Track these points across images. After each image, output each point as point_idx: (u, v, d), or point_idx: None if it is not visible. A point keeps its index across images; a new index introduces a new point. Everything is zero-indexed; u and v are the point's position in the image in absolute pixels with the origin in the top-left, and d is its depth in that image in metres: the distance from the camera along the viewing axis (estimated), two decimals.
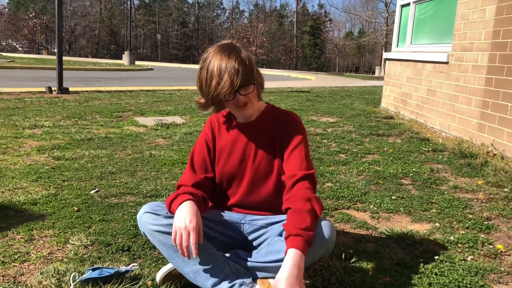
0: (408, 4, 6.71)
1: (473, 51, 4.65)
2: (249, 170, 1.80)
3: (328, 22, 63.75)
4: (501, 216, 2.66)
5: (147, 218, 1.66)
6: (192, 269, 1.62)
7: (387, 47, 32.80)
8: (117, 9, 57.12)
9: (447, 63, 5.20)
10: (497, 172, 3.50)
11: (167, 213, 1.66)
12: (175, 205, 1.62)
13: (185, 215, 1.56)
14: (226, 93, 1.61)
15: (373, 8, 46.03)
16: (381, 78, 21.22)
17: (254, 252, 1.74)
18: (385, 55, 7.52)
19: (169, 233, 1.61)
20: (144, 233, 1.69)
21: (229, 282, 1.59)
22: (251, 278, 1.64)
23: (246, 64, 1.64)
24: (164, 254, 1.66)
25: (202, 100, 1.75)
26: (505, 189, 3.15)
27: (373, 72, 43.08)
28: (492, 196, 3.03)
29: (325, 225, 1.59)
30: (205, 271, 1.62)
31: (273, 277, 1.64)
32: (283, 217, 1.77)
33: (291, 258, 1.46)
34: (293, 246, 1.48)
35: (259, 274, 1.66)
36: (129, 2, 37.22)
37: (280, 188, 1.79)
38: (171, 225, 1.61)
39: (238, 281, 1.59)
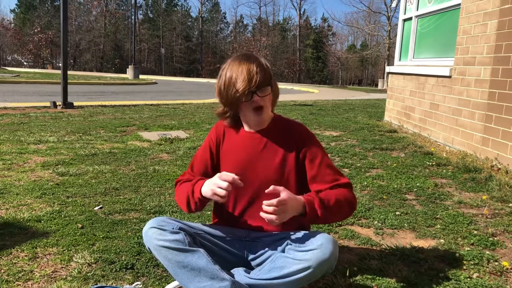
0: (410, 19, 6.75)
1: (476, 65, 4.66)
2: (256, 178, 1.80)
3: (331, 35, 64.11)
4: (506, 232, 2.64)
5: (153, 233, 1.65)
6: (197, 286, 1.61)
7: (390, 60, 32.92)
8: (121, 23, 57.64)
9: (449, 77, 5.21)
10: (501, 186, 3.48)
11: (173, 228, 1.66)
12: (198, 187, 1.70)
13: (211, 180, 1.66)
14: (245, 90, 1.68)
15: (376, 22, 46.30)
16: (384, 91, 21.25)
17: (257, 269, 1.73)
18: (388, 69, 7.55)
19: (175, 249, 1.61)
20: (149, 248, 1.68)
21: None
22: None
23: (264, 67, 1.73)
24: (169, 270, 1.65)
25: (220, 108, 1.84)
26: (510, 204, 3.13)
27: (376, 85, 43.16)
28: (497, 211, 3.01)
29: (327, 241, 1.59)
30: None
31: None
32: (287, 234, 1.77)
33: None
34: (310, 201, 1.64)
35: None
36: (133, 17, 37.55)
37: None
38: (177, 240, 1.62)
39: None
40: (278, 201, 1.54)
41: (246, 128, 1.87)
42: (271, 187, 1.58)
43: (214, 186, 1.62)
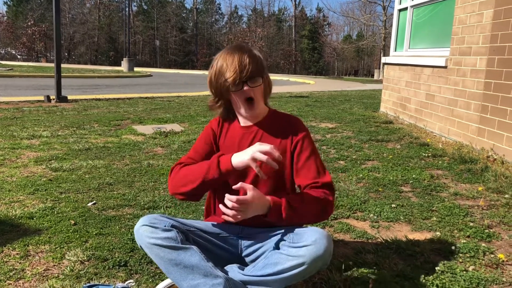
0: (406, 9, 6.70)
1: (472, 55, 4.63)
2: (252, 173, 1.78)
3: (327, 26, 63.86)
4: (502, 224, 2.63)
5: (144, 231, 1.63)
6: (190, 284, 1.59)
7: (386, 50, 32.84)
8: (115, 16, 57.18)
9: (445, 67, 5.18)
10: (497, 177, 3.47)
11: (165, 226, 1.64)
12: (227, 158, 1.64)
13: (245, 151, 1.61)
14: (235, 79, 1.67)
15: (371, 12, 46.12)
16: (380, 81, 21.22)
17: (251, 265, 1.71)
18: (384, 59, 7.51)
19: (167, 247, 1.59)
20: (141, 246, 1.66)
21: None
22: None
23: (256, 58, 1.73)
24: (161, 268, 1.63)
25: (211, 99, 1.83)
26: (506, 196, 3.12)
27: (372, 75, 43.11)
28: (492, 202, 3.00)
29: (321, 236, 1.57)
30: (203, 286, 1.58)
31: None
32: (281, 229, 1.75)
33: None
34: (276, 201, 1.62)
35: None
36: (127, 9, 37.24)
37: (281, 192, 1.78)
38: (169, 238, 1.60)
39: None
40: (238, 200, 1.53)
41: (241, 122, 1.85)
42: (239, 184, 1.57)
43: (255, 150, 1.56)
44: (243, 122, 1.84)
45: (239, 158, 1.61)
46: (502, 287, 1.89)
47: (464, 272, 1.99)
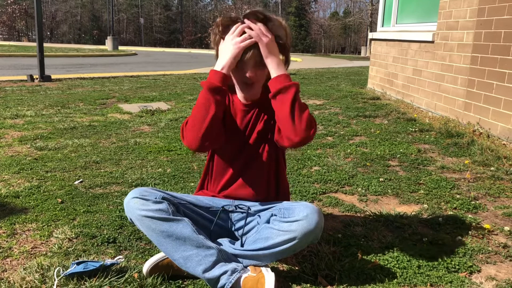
0: None
1: (459, 29, 4.62)
2: (248, 149, 1.77)
3: (313, 2, 63.24)
4: (488, 195, 2.67)
5: (135, 203, 1.61)
6: (183, 255, 1.58)
7: (373, 27, 32.71)
8: None
9: (432, 42, 5.17)
10: (483, 151, 3.51)
11: (156, 198, 1.62)
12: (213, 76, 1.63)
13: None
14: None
15: None
16: (367, 58, 21.17)
17: (242, 239, 1.71)
18: (371, 35, 7.48)
19: (158, 218, 1.58)
20: (131, 219, 1.64)
21: (220, 268, 1.57)
22: (242, 264, 1.62)
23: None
24: (153, 241, 1.62)
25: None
26: (491, 168, 3.16)
27: (359, 52, 43.04)
28: (479, 175, 3.04)
29: (312, 211, 1.57)
30: (196, 257, 1.58)
31: (264, 265, 1.63)
32: (272, 204, 1.75)
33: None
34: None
35: (249, 262, 1.64)
36: None
37: (275, 171, 1.81)
38: (160, 210, 1.59)
39: (230, 267, 1.57)
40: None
41: (240, 98, 1.78)
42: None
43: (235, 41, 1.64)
44: (241, 98, 1.78)
45: (222, 60, 1.63)
46: (488, 256, 1.92)
47: (451, 242, 2.02)
